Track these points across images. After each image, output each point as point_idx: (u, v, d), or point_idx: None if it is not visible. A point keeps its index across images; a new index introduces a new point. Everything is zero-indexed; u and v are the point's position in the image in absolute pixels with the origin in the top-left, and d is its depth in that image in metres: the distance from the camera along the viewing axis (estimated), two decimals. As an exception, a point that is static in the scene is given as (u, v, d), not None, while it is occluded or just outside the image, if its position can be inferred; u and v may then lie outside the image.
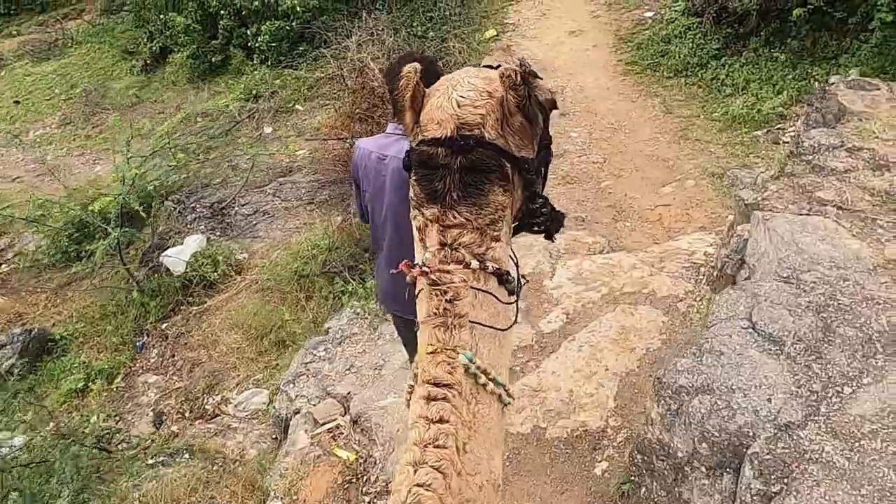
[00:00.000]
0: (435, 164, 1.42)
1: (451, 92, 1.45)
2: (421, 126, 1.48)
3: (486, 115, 1.42)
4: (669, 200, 6.47)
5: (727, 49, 9.36)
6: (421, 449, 1.33)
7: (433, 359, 1.41)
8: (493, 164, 1.42)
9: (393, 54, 11.05)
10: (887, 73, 7.47)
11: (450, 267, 1.42)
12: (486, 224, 1.43)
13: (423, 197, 1.45)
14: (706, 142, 7.62)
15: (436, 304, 1.42)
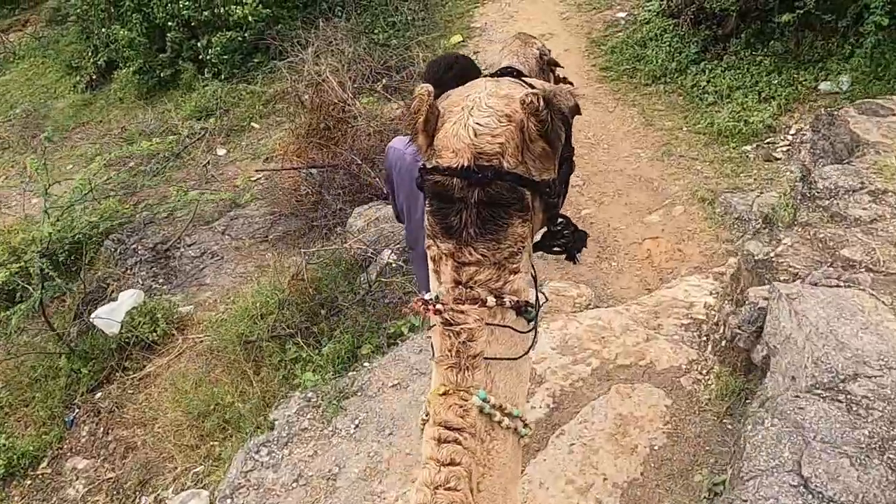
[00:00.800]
0: (450, 196, 1.37)
1: (468, 118, 1.38)
2: (435, 150, 1.41)
3: (505, 143, 1.36)
4: (657, 231, 5.80)
5: (707, 52, 8.72)
6: (432, 491, 1.31)
7: (445, 401, 1.37)
8: (512, 198, 1.37)
9: (353, 65, 10.25)
10: (881, 78, 6.89)
11: (464, 307, 1.37)
12: (504, 258, 1.39)
13: (438, 231, 1.40)
14: (692, 158, 6.97)
15: (449, 344, 1.38)
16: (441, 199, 1.39)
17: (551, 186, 1.45)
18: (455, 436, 1.35)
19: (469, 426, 1.36)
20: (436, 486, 1.32)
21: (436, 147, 1.43)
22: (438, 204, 1.40)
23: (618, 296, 4.93)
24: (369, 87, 9.87)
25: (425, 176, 1.44)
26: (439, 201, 1.40)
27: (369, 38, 10.82)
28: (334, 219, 6.56)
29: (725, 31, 8.76)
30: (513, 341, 1.43)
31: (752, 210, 5.58)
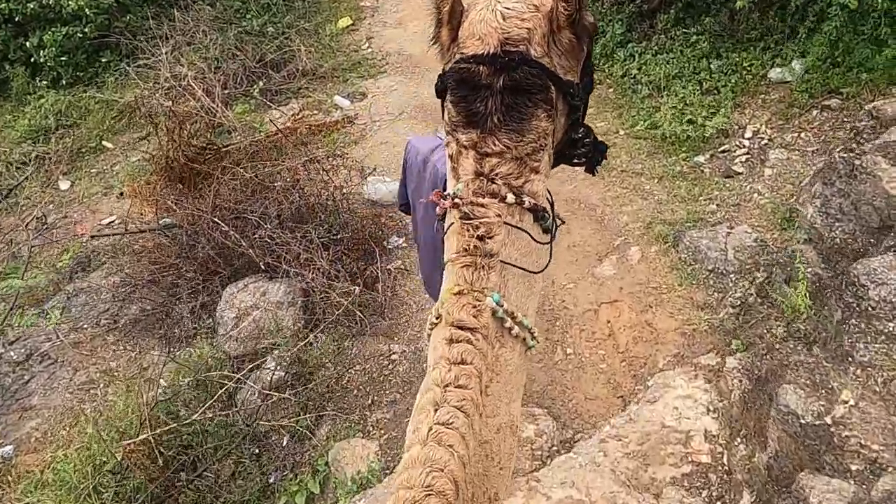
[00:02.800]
0: (476, 83, 1.33)
1: (496, 3, 1.33)
2: (460, 43, 1.38)
3: (533, 29, 1.33)
4: (615, 290, 4.53)
5: (633, 32, 7.42)
6: (442, 389, 1.28)
7: (458, 300, 1.33)
8: (538, 85, 1.33)
9: (223, 63, 8.32)
10: (839, 65, 5.80)
11: (484, 200, 1.33)
12: (526, 153, 1.35)
13: (460, 120, 1.36)
14: (636, 174, 5.71)
15: (466, 240, 1.34)
16: (465, 87, 1.34)
17: (575, 88, 1.38)
18: (468, 335, 1.31)
19: (482, 327, 1.32)
20: (446, 385, 1.28)
21: (460, 39, 1.38)
22: (463, 92, 1.34)
23: (585, 414, 3.67)
24: (244, 91, 8.01)
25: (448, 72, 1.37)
26: (464, 89, 1.34)
27: (240, 28, 8.85)
28: (205, 294, 4.91)
29: (651, 5, 7.47)
30: (528, 248, 1.37)
31: (726, 258, 4.39)
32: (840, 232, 3.20)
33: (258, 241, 4.47)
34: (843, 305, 2.68)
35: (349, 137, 7.07)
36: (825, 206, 3.32)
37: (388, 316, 4.50)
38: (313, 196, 4.77)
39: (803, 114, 5.61)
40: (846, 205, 3.20)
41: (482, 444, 1.30)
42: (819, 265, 3.33)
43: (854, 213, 3.16)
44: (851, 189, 3.17)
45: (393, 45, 8.63)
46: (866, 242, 3.11)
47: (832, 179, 3.30)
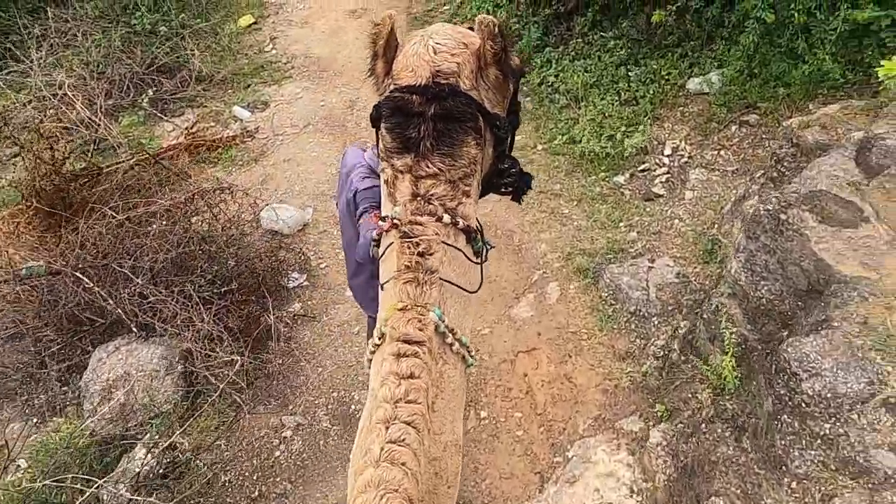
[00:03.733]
0: (409, 111, 1.43)
1: (428, 40, 1.48)
2: (394, 75, 1.51)
3: (462, 64, 1.45)
4: (532, 336, 4.14)
5: (550, 36, 7.02)
6: (392, 405, 1.28)
7: (403, 315, 1.38)
8: (467, 114, 1.43)
9: (107, 68, 7.42)
10: (755, 76, 5.57)
11: (423, 219, 1.41)
12: (458, 177, 1.44)
13: (395, 146, 1.46)
14: (555, 195, 5.33)
15: (407, 257, 1.40)
16: (399, 114, 1.44)
17: (501, 121, 1.51)
18: (415, 349, 1.35)
19: (428, 340, 1.36)
20: (396, 400, 1.29)
21: (394, 72, 1.51)
22: (397, 119, 1.44)
23: (500, 497, 3.26)
24: (131, 101, 7.17)
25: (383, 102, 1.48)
26: (398, 117, 1.44)
27: (128, 28, 7.94)
28: (76, 354, 4.23)
29: (568, 7, 7.09)
30: (463, 269, 1.47)
31: (648, 298, 4.07)
32: (766, 292, 2.89)
33: (129, 298, 3.83)
34: (774, 396, 2.36)
35: (248, 154, 6.40)
36: (750, 262, 3.00)
37: (282, 380, 3.98)
38: (194, 241, 4.15)
39: (722, 129, 5.36)
40: (772, 262, 2.89)
41: (431, 461, 1.30)
42: (745, 325, 3.01)
43: (781, 272, 2.85)
44: (777, 246, 2.86)
45: (299, 47, 7.94)
46: (794, 306, 2.80)
47: (756, 233, 2.98)
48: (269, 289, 4.63)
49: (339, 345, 4.26)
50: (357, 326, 4.36)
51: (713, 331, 3.18)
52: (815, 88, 5.09)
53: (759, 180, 4.35)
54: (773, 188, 4.08)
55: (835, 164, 3.46)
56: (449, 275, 1.43)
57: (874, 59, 4.81)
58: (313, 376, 4.03)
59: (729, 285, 3.13)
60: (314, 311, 4.57)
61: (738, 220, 4.21)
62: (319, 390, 3.95)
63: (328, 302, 4.63)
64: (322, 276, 4.87)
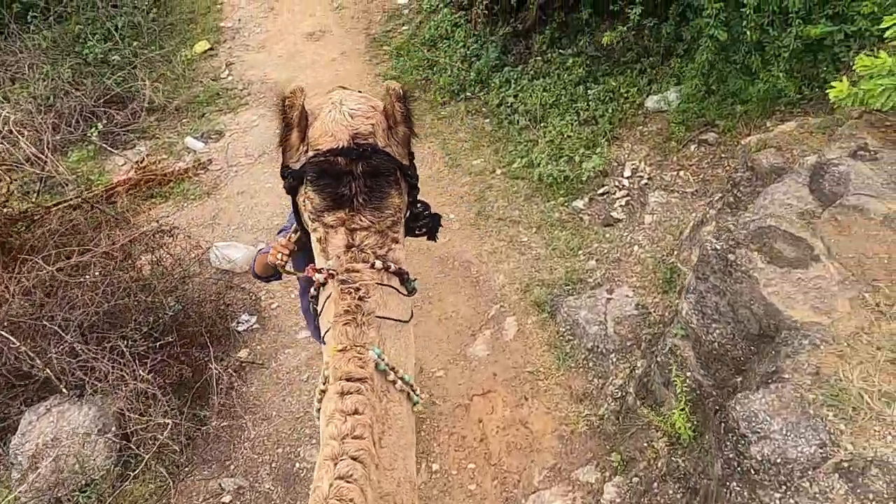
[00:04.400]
0: (338, 171, 1.57)
1: (342, 107, 1.64)
2: (311, 142, 1.64)
3: (376, 125, 1.64)
4: (488, 377, 3.95)
5: (509, 55, 6.88)
6: (339, 442, 1.35)
7: (344, 356, 1.48)
8: (390, 169, 1.62)
9: (56, 101, 7.17)
10: (713, 92, 5.45)
11: (358, 266, 1.56)
12: (386, 227, 1.61)
13: (327, 205, 1.58)
14: (513, 222, 5.16)
15: (347, 302, 1.53)
16: (328, 176, 1.57)
17: (412, 171, 1.72)
18: (357, 386, 1.42)
19: (369, 377, 1.45)
20: (342, 437, 1.34)
21: (311, 139, 1.64)
22: (326, 180, 1.58)
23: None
24: (80, 135, 6.92)
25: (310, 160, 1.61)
26: (327, 178, 1.58)
27: (80, 58, 7.69)
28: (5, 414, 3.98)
29: (526, 25, 6.95)
30: (398, 306, 1.59)
31: (606, 333, 3.90)
32: (718, 335, 2.73)
33: (58, 357, 3.59)
34: (724, 460, 2.19)
35: (201, 187, 6.18)
36: (700, 303, 2.84)
37: (224, 436, 3.76)
38: (130, 291, 3.92)
39: (681, 148, 5.22)
40: (722, 305, 2.73)
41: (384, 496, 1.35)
42: (698, 370, 2.85)
43: (731, 314, 2.69)
44: (727, 287, 2.70)
45: (255, 72, 7.74)
46: (747, 350, 2.64)
47: (705, 274, 2.82)
48: (217, 334, 4.41)
49: (286, 394, 4.04)
50: (307, 373, 4.16)
51: (667, 375, 3.01)
52: (771, 105, 4.97)
53: (716, 205, 4.21)
54: (730, 213, 3.94)
55: (788, 191, 3.32)
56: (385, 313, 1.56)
57: (829, 74, 4.71)
58: (257, 431, 3.81)
59: (682, 326, 2.97)
60: (263, 357, 4.35)
61: (696, 248, 4.06)
62: (264, 446, 3.73)
63: (278, 346, 4.42)
64: (273, 318, 4.66)
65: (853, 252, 2.65)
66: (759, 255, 2.64)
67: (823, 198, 3.18)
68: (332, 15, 8.49)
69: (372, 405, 1.43)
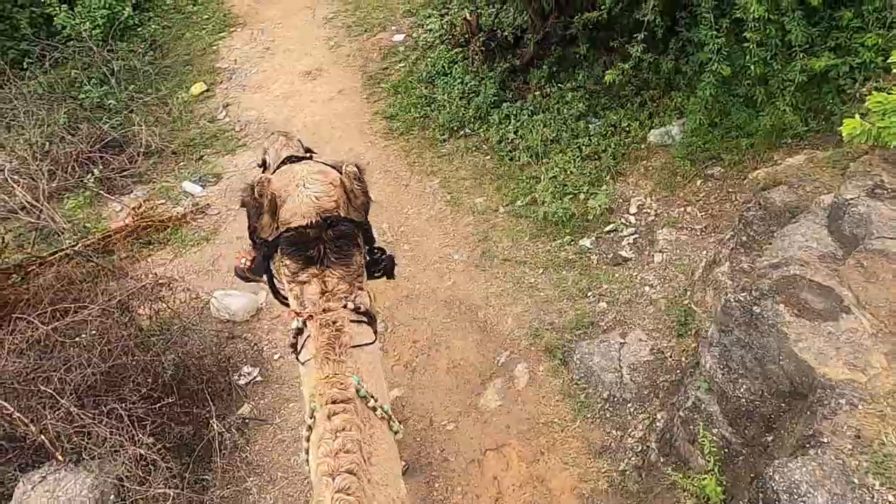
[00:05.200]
0: (307, 239, 1.98)
1: (306, 191, 2.04)
2: (281, 221, 2.03)
3: (337, 200, 2.05)
4: (501, 430, 3.80)
5: (507, 91, 6.83)
6: (333, 458, 1.53)
7: (327, 382, 1.72)
8: (351, 232, 2.04)
9: (52, 147, 7.07)
10: (716, 125, 5.40)
11: (333, 305, 1.90)
12: (353, 278, 2.00)
13: (301, 266, 1.98)
14: (519, 262, 5.05)
15: (326, 336, 1.83)
16: (298, 244, 1.97)
17: (368, 226, 2.15)
18: (343, 406, 1.64)
19: (352, 398, 1.67)
20: (335, 453, 1.52)
21: (282, 218, 2.01)
22: (298, 248, 1.97)
23: None
24: (77, 181, 6.82)
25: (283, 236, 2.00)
26: (297, 245, 1.97)
27: (76, 102, 7.64)
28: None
29: (523, 61, 6.93)
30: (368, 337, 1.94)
31: (622, 380, 3.77)
32: (746, 391, 2.60)
33: (52, 423, 3.44)
34: None
35: (199, 233, 6.07)
36: (725, 357, 2.71)
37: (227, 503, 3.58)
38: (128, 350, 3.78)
39: (687, 183, 5.14)
40: (749, 359, 2.61)
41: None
42: (725, 426, 2.71)
43: (759, 370, 2.56)
44: (753, 342, 2.58)
45: (253, 113, 7.68)
46: (777, 407, 2.51)
47: (729, 327, 2.70)
48: (218, 388, 4.26)
49: (291, 452, 3.88)
50: (312, 429, 3.99)
51: (692, 431, 2.87)
52: (777, 138, 4.90)
53: (728, 243, 4.10)
54: (744, 253, 3.83)
55: (806, 233, 3.22)
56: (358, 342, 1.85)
57: (835, 106, 4.66)
58: (263, 496, 3.64)
59: (705, 379, 2.84)
60: (266, 412, 4.20)
61: (710, 289, 3.95)
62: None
63: (281, 400, 4.26)
64: (276, 370, 4.51)
65: (884, 301, 2.53)
66: (785, 308, 2.52)
67: (844, 240, 3.08)
68: (329, 53, 8.48)
69: (358, 424, 1.60)
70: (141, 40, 8.69)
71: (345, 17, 9.06)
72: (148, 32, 8.82)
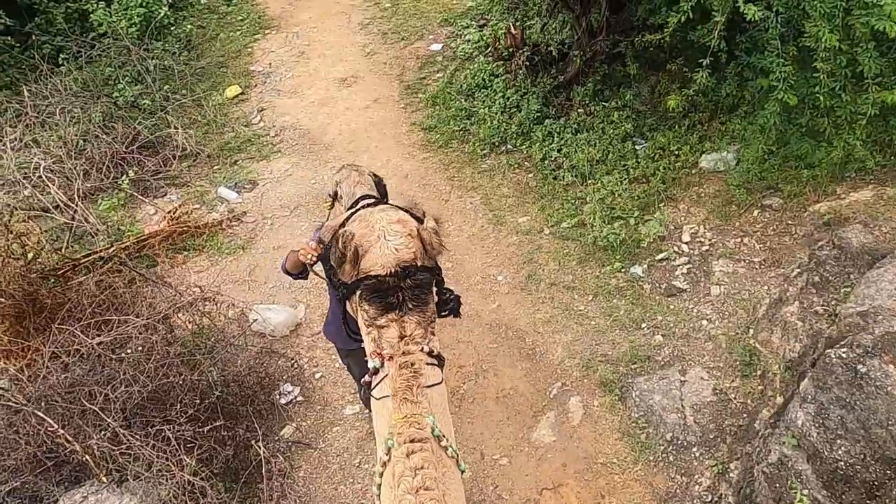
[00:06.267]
0: (386, 287, 2.06)
1: (387, 242, 2.11)
2: (363, 269, 2.11)
3: (415, 251, 2.13)
4: (557, 467, 3.64)
5: (550, 107, 6.69)
6: (413, 495, 1.60)
7: (406, 422, 1.80)
8: (427, 281, 2.14)
9: (87, 145, 6.96)
10: (773, 153, 5.22)
11: (412, 348, 2.00)
12: (427, 323, 2.09)
13: (379, 312, 2.06)
14: (567, 288, 4.89)
15: (405, 377, 1.93)
16: (378, 291, 2.05)
17: (439, 271, 2.24)
18: (421, 445, 1.72)
19: (428, 437, 1.76)
20: (416, 490, 1.58)
21: (363, 267, 2.10)
22: (378, 295, 2.05)
23: None
24: (111, 182, 6.71)
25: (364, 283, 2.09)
26: (377, 292, 2.05)
27: (110, 101, 7.53)
28: (35, 496, 3.67)
29: (567, 77, 6.78)
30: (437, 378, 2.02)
31: (685, 422, 3.61)
32: (845, 454, 2.44)
33: (98, 443, 3.30)
34: None
35: (236, 241, 5.94)
36: (821, 416, 2.55)
37: (275, 535, 3.44)
38: (174, 368, 3.65)
39: (743, 213, 4.98)
40: (850, 420, 2.45)
41: None
42: (819, 489, 2.55)
43: (862, 433, 2.40)
44: (856, 402, 2.42)
45: (288, 118, 7.56)
46: (882, 474, 2.35)
47: (828, 384, 2.54)
48: (259, 407, 4.12)
49: (338, 481, 3.74)
50: (359, 456, 3.85)
51: (778, 490, 2.71)
52: (841, 170, 4.73)
53: (795, 281, 3.94)
54: (816, 294, 3.67)
55: (895, 279, 3.05)
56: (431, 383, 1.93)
57: (904, 141, 4.49)
58: (310, 527, 3.50)
59: (793, 435, 2.67)
60: (309, 435, 4.05)
61: (777, 328, 3.78)
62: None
63: (325, 423, 4.12)
64: (317, 390, 4.37)
65: None
66: (895, 368, 2.35)
67: (938, 290, 2.91)
68: (364, 60, 8.35)
69: (435, 462, 1.67)
70: (176, 40, 8.58)
71: (381, 24, 8.93)
72: (183, 32, 8.71)
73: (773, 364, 3.57)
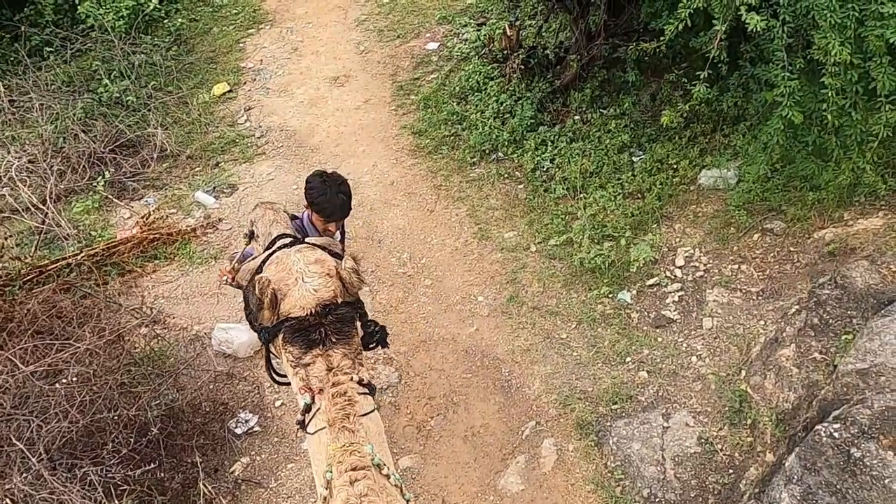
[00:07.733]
0: (308, 325, 2.09)
1: (306, 284, 2.13)
2: (282, 313, 2.13)
3: (334, 290, 2.16)
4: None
5: (545, 113, 6.31)
6: None
7: (345, 451, 1.83)
8: (350, 315, 2.19)
9: (65, 144, 6.69)
10: (777, 171, 4.83)
11: (342, 378, 2.03)
12: (353, 355, 2.13)
13: (303, 350, 2.10)
14: (550, 313, 4.54)
15: (339, 406, 1.95)
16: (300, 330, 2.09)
17: (361, 304, 2.28)
18: (364, 472, 1.74)
19: (370, 465, 1.78)
20: None
21: (283, 311, 2.11)
22: (301, 334, 2.09)
23: None
24: (86, 182, 6.43)
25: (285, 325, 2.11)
26: (299, 332, 2.09)
27: (94, 96, 7.25)
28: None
29: (564, 82, 6.40)
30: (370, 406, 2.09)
31: (664, 476, 3.26)
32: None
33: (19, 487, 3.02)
34: None
35: (209, 249, 5.64)
36: (807, 499, 2.20)
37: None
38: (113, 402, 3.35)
39: (742, 236, 4.59)
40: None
41: None
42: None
43: (855, 524, 2.04)
44: (847, 490, 2.06)
45: (275, 119, 7.23)
46: (876, 577, 1.99)
47: (816, 465, 2.19)
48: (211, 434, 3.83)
49: (286, 528, 3.44)
50: (311, 499, 3.55)
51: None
52: (849, 194, 4.33)
53: (793, 320, 3.57)
54: (814, 338, 3.30)
55: (902, 334, 2.68)
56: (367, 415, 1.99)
57: (920, 166, 4.08)
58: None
59: None
60: (262, 472, 3.75)
61: (770, 373, 3.42)
62: None
63: (279, 459, 3.82)
64: (276, 419, 4.07)
65: None
66: (893, 455, 1.99)
67: (952, 350, 2.53)
68: (358, 59, 7.99)
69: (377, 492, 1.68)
70: (166, 34, 8.27)
71: (377, 21, 8.56)
72: (174, 26, 8.40)
73: (764, 414, 3.22)
